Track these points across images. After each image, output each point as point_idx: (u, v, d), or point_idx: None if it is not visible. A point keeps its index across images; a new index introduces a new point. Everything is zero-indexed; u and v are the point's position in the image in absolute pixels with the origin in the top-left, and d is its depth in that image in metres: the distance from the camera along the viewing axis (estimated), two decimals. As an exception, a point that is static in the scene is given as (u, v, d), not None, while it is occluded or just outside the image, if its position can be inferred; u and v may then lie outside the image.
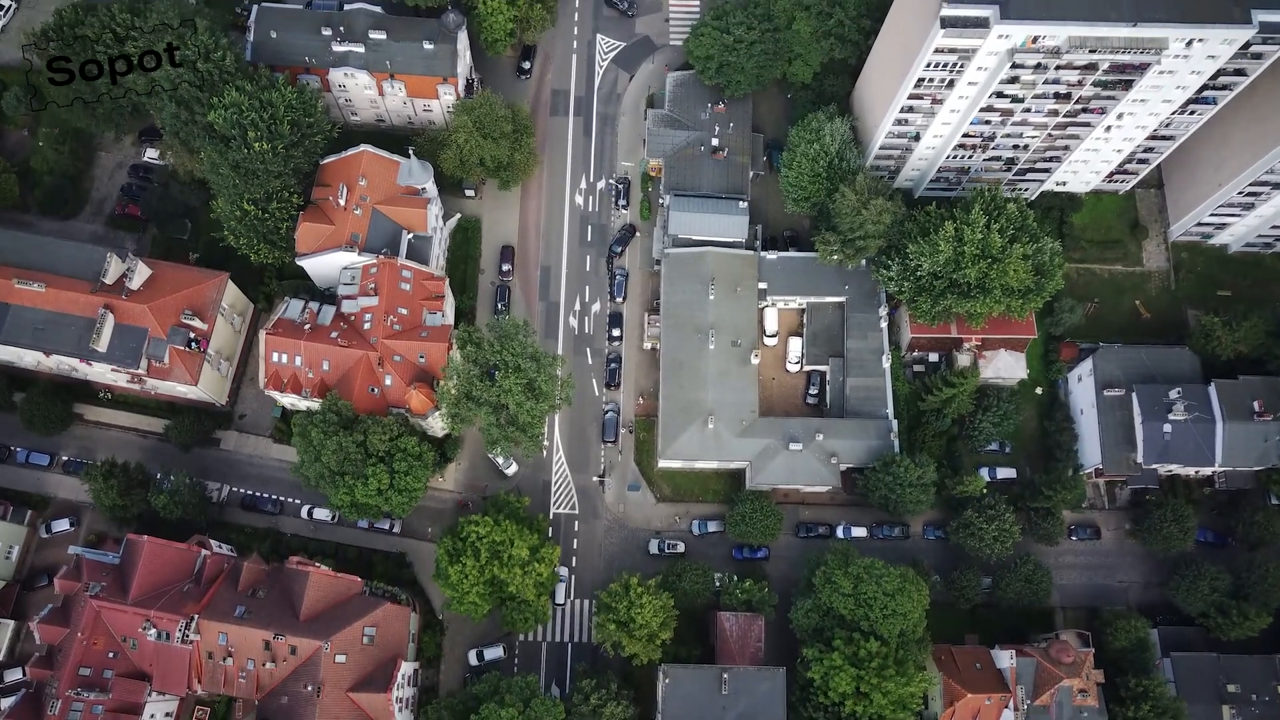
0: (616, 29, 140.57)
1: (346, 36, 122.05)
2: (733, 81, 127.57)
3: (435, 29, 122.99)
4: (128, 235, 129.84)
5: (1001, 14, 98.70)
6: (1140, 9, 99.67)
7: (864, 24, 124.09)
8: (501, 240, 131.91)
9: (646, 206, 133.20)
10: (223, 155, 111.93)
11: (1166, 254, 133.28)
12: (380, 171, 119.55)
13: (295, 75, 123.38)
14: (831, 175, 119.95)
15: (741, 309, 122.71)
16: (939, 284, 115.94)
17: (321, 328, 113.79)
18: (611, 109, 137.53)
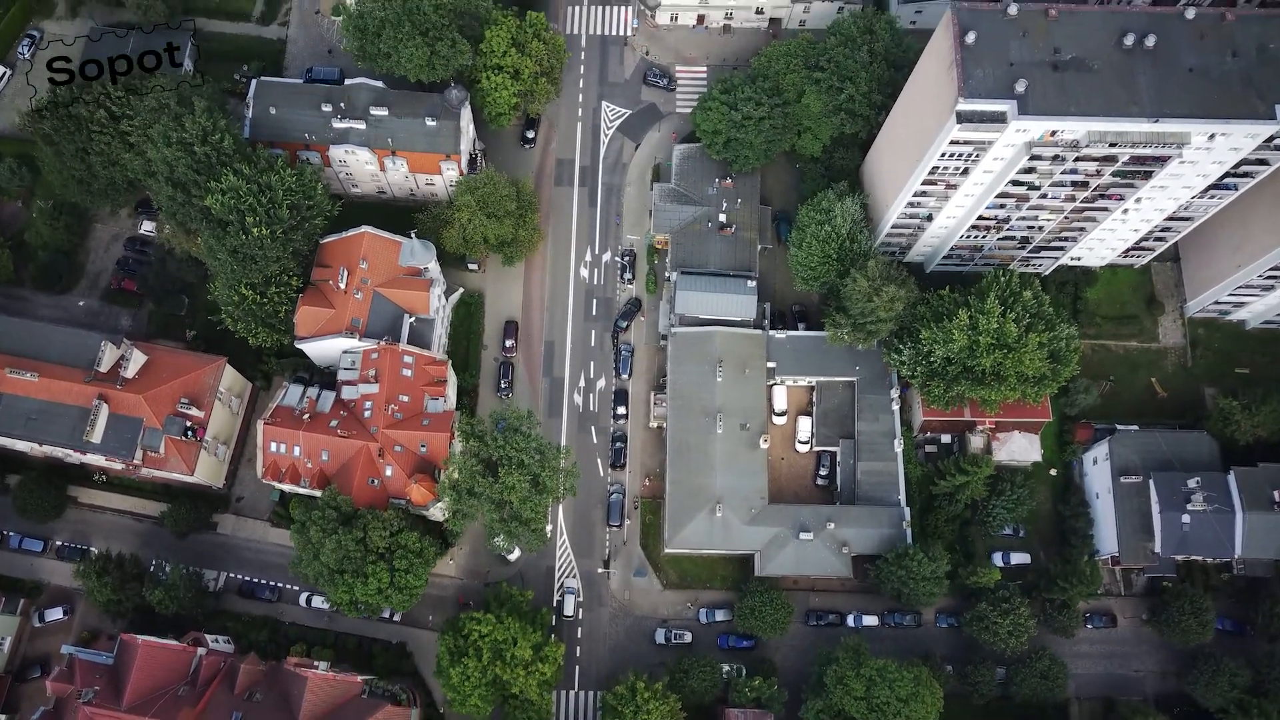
0: (622, 96, 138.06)
1: (347, 113, 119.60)
2: (740, 157, 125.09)
3: (438, 105, 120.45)
4: (123, 310, 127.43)
5: (1019, 109, 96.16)
6: (1162, 104, 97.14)
7: (875, 99, 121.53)
8: (505, 315, 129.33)
9: (652, 280, 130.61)
10: (220, 240, 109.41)
11: (1183, 330, 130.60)
12: (381, 252, 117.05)
13: (295, 152, 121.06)
14: (842, 257, 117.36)
15: (750, 391, 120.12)
16: (952, 369, 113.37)
17: (321, 416, 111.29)
18: (617, 179, 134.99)
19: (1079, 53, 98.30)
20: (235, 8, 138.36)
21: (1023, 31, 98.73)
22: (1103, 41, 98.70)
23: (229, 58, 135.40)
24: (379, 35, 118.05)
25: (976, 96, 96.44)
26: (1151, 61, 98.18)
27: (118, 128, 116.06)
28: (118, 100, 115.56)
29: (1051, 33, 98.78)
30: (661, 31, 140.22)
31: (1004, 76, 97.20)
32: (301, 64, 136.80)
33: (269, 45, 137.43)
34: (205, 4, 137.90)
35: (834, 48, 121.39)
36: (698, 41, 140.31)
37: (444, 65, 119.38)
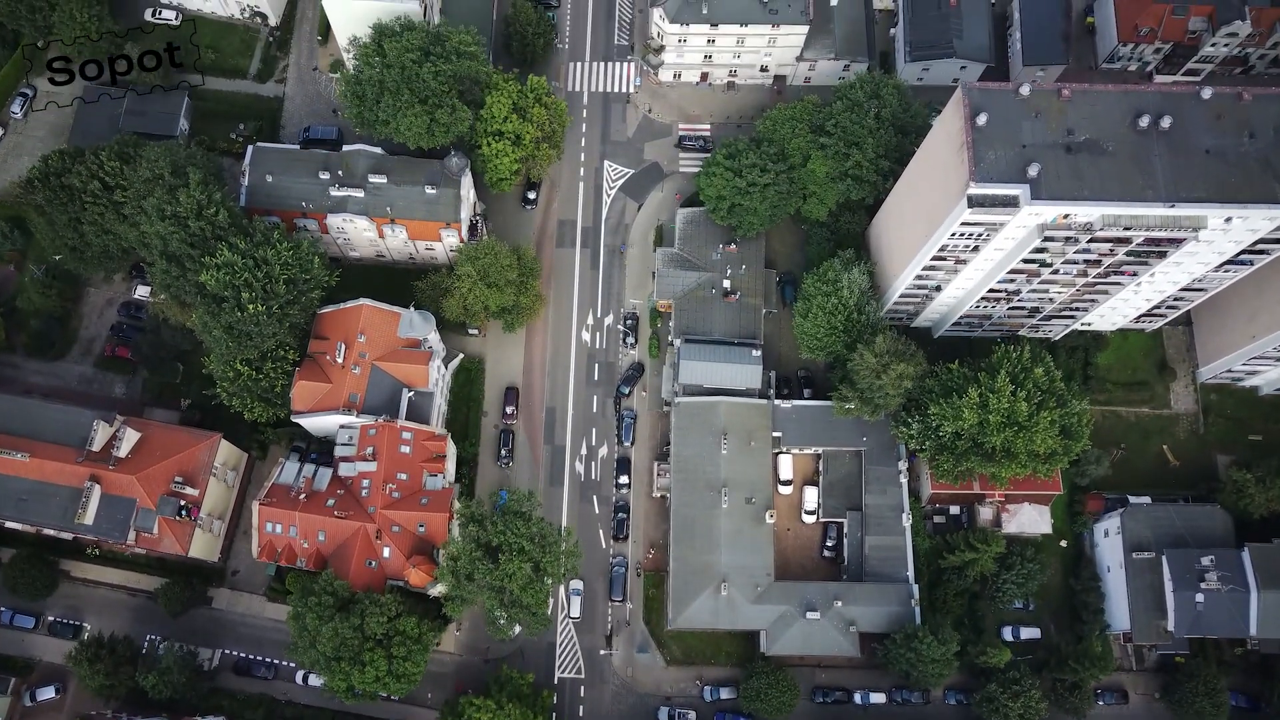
0: (624, 155, 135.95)
1: (345, 180, 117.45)
2: (745, 222, 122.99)
3: (438, 172, 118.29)
4: (117, 377, 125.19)
5: (1032, 194, 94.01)
6: (1177, 188, 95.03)
7: (882, 165, 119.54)
8: (505, 380, 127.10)
9: (655, 344, 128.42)
10: (215, 317, 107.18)
11: (1195, 396, 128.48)
12: (380, 324, 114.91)
13: (292, 220, 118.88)
14: (849, 329, 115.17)
15: (755, 463, 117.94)
16: (962, 444, 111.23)
17: (317, 494, 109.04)
18: (619, 239, 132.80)
19: (1093, 134, 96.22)
20: (231, 65, 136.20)
21: (1035, 112, 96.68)
22: (1117, 122, 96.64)
23: (225, 116, 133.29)
24: (378, 102, 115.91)
25: (988, 180, 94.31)
26: (1167, 143, 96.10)
27: (111, 198, 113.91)
28: (111, 170, 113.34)
29: (1065, 113, 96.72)
30: (664, 89, 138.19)
31: (1016, 159, 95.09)
32: (299, 122, 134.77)
33: (266, 103, 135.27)
34: (201, 61, 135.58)
35: (840, 113, 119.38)
36: (701, 98, 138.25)
37: (444, 132, 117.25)
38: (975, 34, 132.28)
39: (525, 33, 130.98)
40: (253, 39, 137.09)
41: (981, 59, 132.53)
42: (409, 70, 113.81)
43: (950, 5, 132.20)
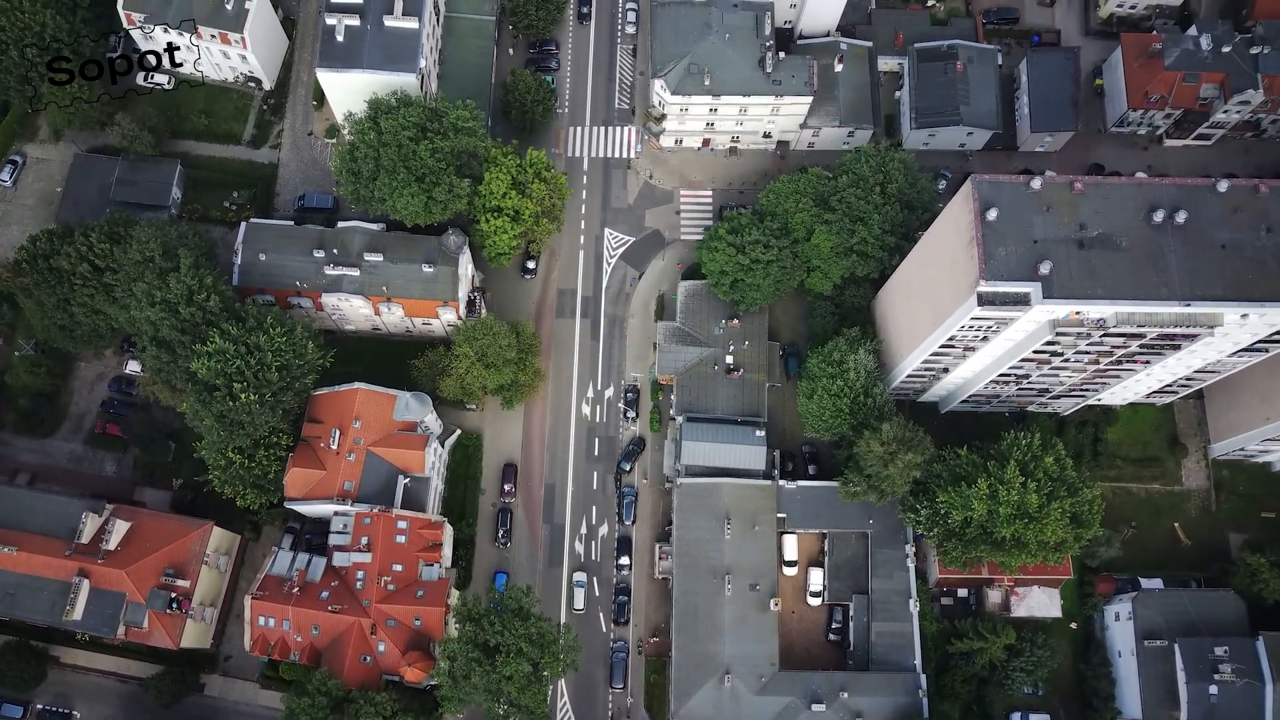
0: (625, 222, 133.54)
1: (340, 258, 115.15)
2: (748, 297, 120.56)
3: (435, 250, 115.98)
4: (108, 455, 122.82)
5: (1044, 292, 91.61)
6: (1193, 285, 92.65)
7: (888, 241, 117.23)
8: (504, 456, 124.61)
9: (656, 418, 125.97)
10: (206, 406, 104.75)
11: (1207, 472, 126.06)
12: (375, 408, 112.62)
13: (285, 298, 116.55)
14: (855, 411, 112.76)
15: (760, 547, 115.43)
16: (971, 531, 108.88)
17: (311, 586, 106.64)
18: (620, 310, 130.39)
19: (1106, 229, 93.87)
20: (225, 130, 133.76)
21: (1046, 206, 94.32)
22: (1131, 216, 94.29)
23: (219, 184, 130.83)
24: (374, 179, 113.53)
25: (999, 278, 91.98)
26: (1182, 239, 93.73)
27: (101, 279, 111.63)
28: (101, 252, 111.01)
29: (1077, 207, 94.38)
30: (665, 154, 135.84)
31: (1027, 256, 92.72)
32: (294, 189, 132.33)
33: (260, 169, 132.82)
34: (194, 127, 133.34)
35: (845, 188, 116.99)
36: (702, 164, 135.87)
37: (441, 210, 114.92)
38: (982, 100, 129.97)
39: (524, 101, 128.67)
40: (247, 104, 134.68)
41: (989, 125, 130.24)
42: (405, 148, 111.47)
43: (957, 71, 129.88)
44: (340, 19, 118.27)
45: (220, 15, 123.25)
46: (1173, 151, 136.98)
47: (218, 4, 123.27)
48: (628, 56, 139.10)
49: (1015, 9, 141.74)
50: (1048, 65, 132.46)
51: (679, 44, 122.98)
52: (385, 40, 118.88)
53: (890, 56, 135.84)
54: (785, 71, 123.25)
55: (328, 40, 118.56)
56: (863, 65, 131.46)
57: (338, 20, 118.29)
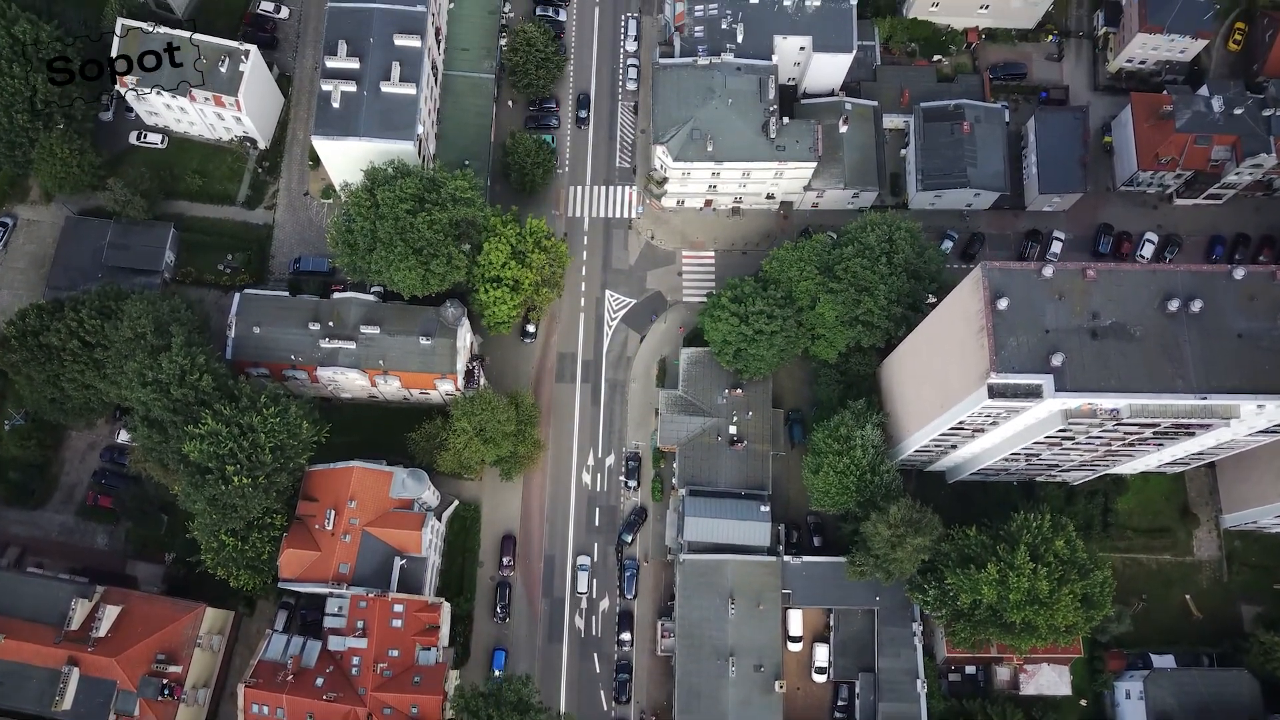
0: (626, 284, 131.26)
1: (336, 331, 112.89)
2: (751, 367, 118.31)
3: (433, 322, 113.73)
4: (100, 527, 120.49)
5: (1056, 385, 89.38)
6: (1209, 377, 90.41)
7: (895, 311, 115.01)
8: (503, 528, 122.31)
9: (658, 487, 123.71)
10: (198, 489, 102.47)
11: (1219, 542, 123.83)
12: (371, 486, 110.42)
13: (280, 371, 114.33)
14: (862, 488, 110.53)
15: (764, 627, 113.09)
16: (980, 613, 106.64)
17: (306, 672, 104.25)
18: (621, 374, 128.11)
19: (1119, 318, 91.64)
20: (219, 191, 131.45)
21: (1059, 294, 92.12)
22: (1145, 305, 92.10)
23: (213, 247, 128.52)
24: (370, 251, 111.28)
25: (1010, 370, 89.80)
26: (1198, 328, 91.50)
27: (91, 355, 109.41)
28: (91, 328, 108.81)
29: (1090, 295, 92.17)
30: (667, 214, 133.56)
31: (1039, 346, 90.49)
32: (289, 250, 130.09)
33: (255, 231, 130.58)
34: (188, 187, 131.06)
35: (851, 257, 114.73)
36: (704, 224, 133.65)
37: (439, 282, 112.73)
38: (990, 161, 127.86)
39: (524, 164, 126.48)
40: (241, 163, 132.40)
41: (996, 188, 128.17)
42: (402, 220, 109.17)
43: (964, 131, 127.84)
44: (336, 85, 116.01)
45: (214, 78, 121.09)
46: (1183, 210, 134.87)
47: (212, 67, 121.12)
48: (629, 114, 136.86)
49: (1022, 64, 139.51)
50: (1056, 125, 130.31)
51: (681, 109, 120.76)
52: (382, 107, 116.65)
53: (896, 114, 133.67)
54: (789, 136, 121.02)
55: (323, 107, 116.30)
56: (868, 125, 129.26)
57: (334, 86, 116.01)
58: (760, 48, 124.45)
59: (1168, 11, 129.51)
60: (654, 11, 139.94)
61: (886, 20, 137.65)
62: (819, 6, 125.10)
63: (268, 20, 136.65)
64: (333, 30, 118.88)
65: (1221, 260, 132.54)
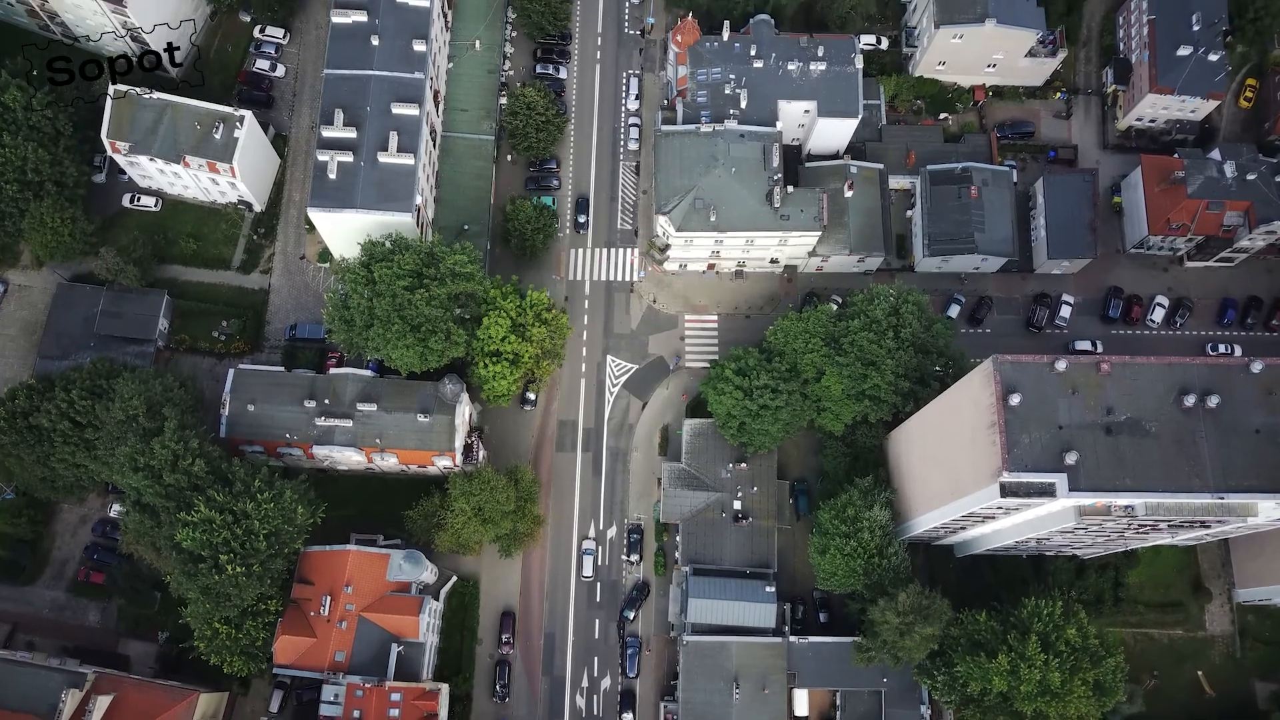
0: (628, 349, 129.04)
1: (332, 409, 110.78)
2: (755, 441, 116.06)
3: (431, 398, 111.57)
4: (91, 604, 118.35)
5: (1070, 485, 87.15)
6: (1227, 476, 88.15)
7: (902, 385, 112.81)
8: (502, 604, 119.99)
9: (661, 561, 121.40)
10: (191, 578, 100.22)
11: (1231, 617, 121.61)
12: (367, 570, 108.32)
13: (275, 449, 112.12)
14: (870, 571, 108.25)
15: (769, 710, 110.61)
16: (990, 700, 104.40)
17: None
18: (623, 442, 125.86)
19: (1134, 413, 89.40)
20: (213, 255, 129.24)
21: (1072, 389, 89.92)
22: (1160, 399, 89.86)
23: (208, 313, 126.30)
24: (368, 328, 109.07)
25: (1022, 469, 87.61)
26: (1214, 424, 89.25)
27: (82, 435, 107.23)
28: (82, 409, 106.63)
29: (1104, 389, 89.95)
30: (669, 277, 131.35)
31: (1052, 444, 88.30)
32: (285, 316, 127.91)
33: (251, 296, 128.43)
34: (182, 251, 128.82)
35: (857, 331, 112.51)
36: (707, 287, 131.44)
37: (437, 358, 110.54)
38: (998, 226, 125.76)
39: (525, 230, 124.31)
40: (237, 226, 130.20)
41: (1004, 253, 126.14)
42: (400, 297, 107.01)
43: (971, 196, 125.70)
44: (333, 155, 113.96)
45: (208, 144, 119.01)
46: (1194, 272, 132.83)
47: (205, 133, 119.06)
48: (630, 174, 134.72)
49: (1030, 122, 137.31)
50: (1065, 187, 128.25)
51: (684, 177, 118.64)
52: (380, 177, 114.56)
53: (902, 175, 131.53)
54: (794, 205, 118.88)
55: (319, 177, 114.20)
56: (873, 189, 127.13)
57: (330, 157, 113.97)
58: (764, 113, 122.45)
59: (1179, 73, 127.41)
60: (655, 69, 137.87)
61: (892, 79, 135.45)
62: (824, 71, 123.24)
63: (263, 78, 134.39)
64: (329, 98, 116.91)
65: (1233, 323, 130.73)
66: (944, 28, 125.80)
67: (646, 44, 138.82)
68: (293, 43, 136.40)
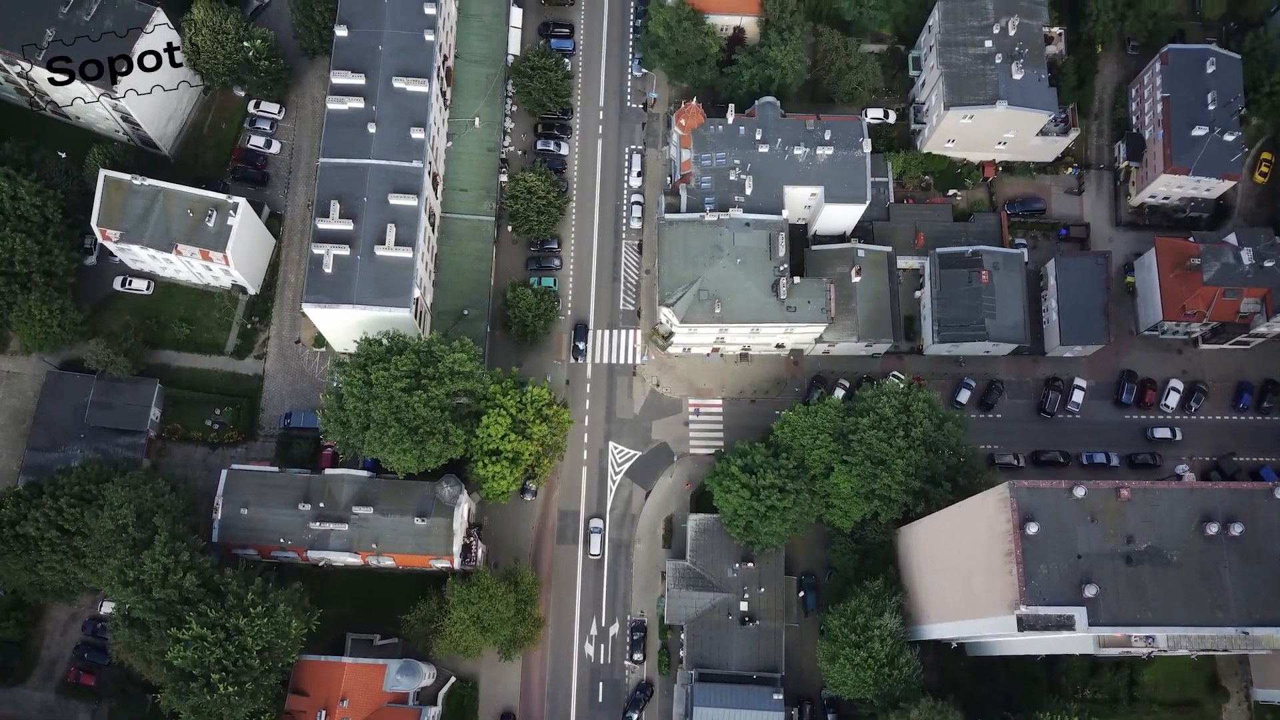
0: (631, 435, 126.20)
1: (327, 512, 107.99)
2: (762, 541, 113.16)
3: (429, 500, 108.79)
4: (81, 705, 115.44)
5: (1089, 618, 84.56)
6: (1251, 607, 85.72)
7: (913, 484, 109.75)
8: (502, 704, 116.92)
9: (665, 659, 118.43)
10: (182, 697, 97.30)
11: (1249, 717, 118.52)
12: (364, 681, 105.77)
13: (269, 552, 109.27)
14: (880, 681, 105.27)
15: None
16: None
17: None
18: (625, 534, 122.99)
19: (1155, 541, 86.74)
20: (207, 339, 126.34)
21: (1090, 516, 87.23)
22: (1182, 527, 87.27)
23: (200, 401, 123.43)
24: (364, 430, 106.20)
25: (1040, 602, 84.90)
26: (1238, 552, 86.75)
27: (71, 543, 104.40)
28: (70, 517, 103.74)
29: (1124, 516, 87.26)
30: (673, 360, 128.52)
31: (1071, 574, 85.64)
32: (280, 403, 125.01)
33: (245, 382, 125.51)
34: (174, 336, 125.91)
35: (866, 429, 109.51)
36: (711, 370, 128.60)
37: (435, 459, 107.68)
38: (1009, 312, 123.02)
39: (526, 318, 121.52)
40: (230, 310, 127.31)
41: (1015, 340, 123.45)
42: (398, 400, 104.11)
43: (982, 281, 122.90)
44: (328, 249, 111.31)
45: (201, 233, 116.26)
46: (1208, 354, 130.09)
47: (198, 220, 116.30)
48: (633, 253, 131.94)
49: (1041, 199, 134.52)
50: (1078, 271, 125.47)
51: (688, 267, 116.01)
52: (376, 271, 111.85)
53: (910, 256, 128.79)
54: (800, 296, 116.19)
55: (314, 271, 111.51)
56: (881, 273, 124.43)
57: (326, 250, 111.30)
58: (769, 199, 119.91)
59: (1194, 153, 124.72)
60: (659, 144, 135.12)
61: (900, 155, 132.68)
62: (831, 156, 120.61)
63: (258, 155, 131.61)
64: (325, 188, 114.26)
65: (1249, 408, 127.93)
66: (954, 109, 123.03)
67: (649, 118, 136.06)
68: (288, 117, 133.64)
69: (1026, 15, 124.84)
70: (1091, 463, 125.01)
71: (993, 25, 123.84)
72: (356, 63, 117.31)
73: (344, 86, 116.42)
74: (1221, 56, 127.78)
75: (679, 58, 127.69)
